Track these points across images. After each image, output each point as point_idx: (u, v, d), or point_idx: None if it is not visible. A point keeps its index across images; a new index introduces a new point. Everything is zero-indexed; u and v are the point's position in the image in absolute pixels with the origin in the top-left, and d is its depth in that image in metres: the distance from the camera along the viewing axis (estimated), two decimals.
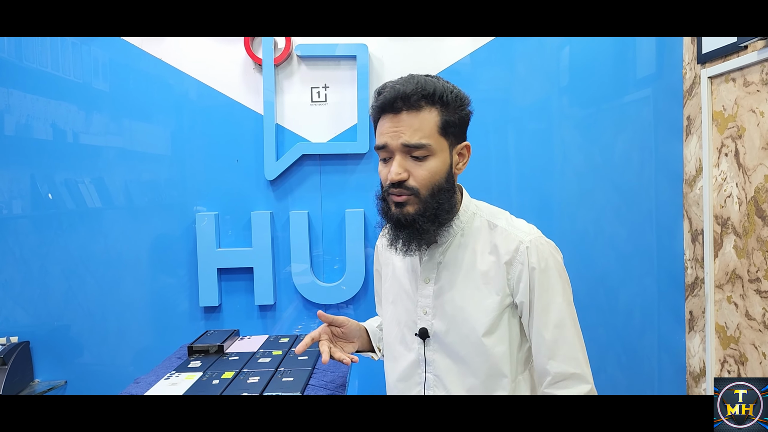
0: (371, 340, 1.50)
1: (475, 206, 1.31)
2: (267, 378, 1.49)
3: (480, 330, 1.23)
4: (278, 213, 2.33)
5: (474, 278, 1.25)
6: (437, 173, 1.20)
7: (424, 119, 1.19)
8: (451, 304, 1.26)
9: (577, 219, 2.36)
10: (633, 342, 2.37)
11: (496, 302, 1.23)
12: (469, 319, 1.24)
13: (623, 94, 2.33)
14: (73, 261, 2.32)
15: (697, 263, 2.25)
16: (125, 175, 2.32)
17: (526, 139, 2.35)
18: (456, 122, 1.22)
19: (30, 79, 2.29)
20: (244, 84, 2.30)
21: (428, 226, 1.21)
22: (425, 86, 1.19)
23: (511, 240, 1.24)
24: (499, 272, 1.24)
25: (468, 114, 1.25)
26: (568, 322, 1.23)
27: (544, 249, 1.23)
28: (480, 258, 1.26)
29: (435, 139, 1.19)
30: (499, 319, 1.24)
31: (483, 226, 1.28)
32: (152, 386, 1.47)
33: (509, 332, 1.26)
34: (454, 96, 1.22)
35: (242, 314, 2.34)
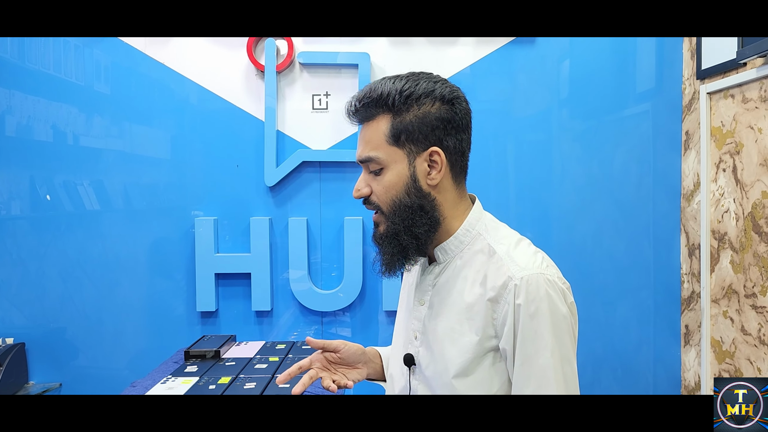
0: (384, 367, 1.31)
1: (483, 226, 1.13)
2: (263, 384, 1.49)
3: (451, 370, 1.06)
4: (277, 219, 2.33)
5: (458, 310, 1.08)
6: (392, 188, 1.07)
7: (374, 130, 1.08)
8: (434, 334, 1.11)
9: (575, 231, 2.37)
10: (629, 355, 2.38)
11: (473, 343, 1.05)
12: (445, 355, 1.08)
13: (623, 108, 2.35)
14: (71, 263, 2.32)
15: (693, 277, 2.25)
16: (125, 178, 2.32)
17: (526, 151, 2.36)
18: (411, 127, 1.06)
19: (31, 81, 2.29)
20: (246, 90, 2.31)
21: (389, 248, 1.09)
22: (373, 91, 1.07)
23: (501, 273, 1.04)
24: (484, 309, 1.05)
25: (436, 114, 1.07)
26: (553, 380, 1.00)
27: (539, 289, 1.01)
28: (469, 288, 1.08)
29: (384, 150, 1.07)
30: (477, 362, 1.06)
31: (483, 250, 1.09)
32: (149, 390, 1.47)
33: (490, 379, 1.06)
34: (403, 97, 1.06)
35: (239, 320, 2.34)
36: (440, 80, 1.10)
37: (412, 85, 1.06)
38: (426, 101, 1.06)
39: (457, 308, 1.08)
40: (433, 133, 1.06)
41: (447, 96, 1.08)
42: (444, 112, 1.07)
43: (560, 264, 2.16)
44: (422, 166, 1.07)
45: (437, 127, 1.06)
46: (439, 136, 1.07)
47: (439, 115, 1.06)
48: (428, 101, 1.06)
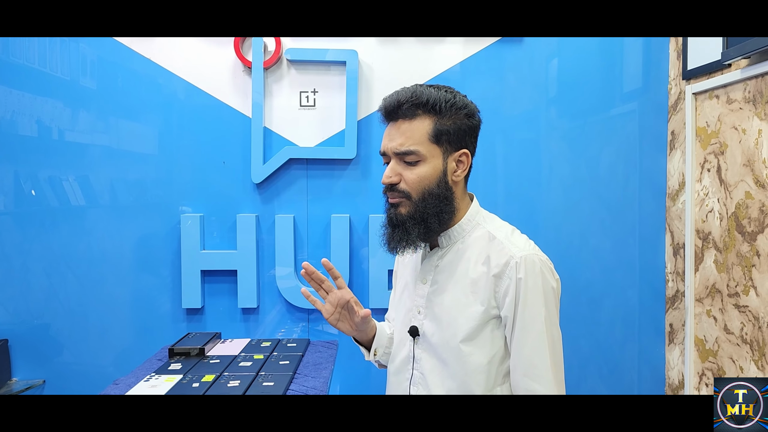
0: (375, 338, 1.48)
1: (482, 217, 1.35)
2: (248, 382, 1.48)
3: (459, 335, 1.27)
4: (264, 216, 2.32)
5: (463, 285, 1.29)
6: (427, 178, 1.27)
7: (416, 128, 1.26)
8: (440, 306, 1.31)
9: (562, 230, 2.37)
10: (614, 353, 2.39)
11: (480, 312, 1.26)
12: (452, 323, 1.28)
13: (610, 108, 2.36)
14: (56, 259, 2.30)
15: (678, 276, 2.27)
16: (110, 174, 2.30)
17: (514, 149, 2.36)
18: (451, 130, 1.27)
19: (16, 75, 2.27)
20: (233, 86, 2.30)
21: (415, 227, 1.27)
22: (419, 95, 1.26)
23: (504, 254, 1.25)
24: (488, 284, 1.26)
25: (467, 123, 1.30)
26: (547, 342, 1.23)
27: (535, 267, 1.24)
28: (473, 267, 1.29)
29: (425, 146, 1.26)
30: (480, 329, 1.27)
31: (483, 236, 1.31)
32: (131, 388, 1.46)
33: (491, 344, 1.27)
34: (448, 105, 1.27)
35: (225, 317, 2.33)
36: (465, 96, 1.34)
37: (452, 97, 1.29)
38: (462, 112, 1.29)
39: (462, 283, 1.29)
40: (463, 138, 1.30)
41: (473, 111, 1.32)
42: (473, 123, 1.32)
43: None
44: (451, 164, 1.30)
45: (467, 134, 1.31)
46: (467, 141, 1.31)
47: (469, 125, 1.31)
48: (463, 112, 1.29)
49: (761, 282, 1.78)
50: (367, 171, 2.33)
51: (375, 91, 2.32)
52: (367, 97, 2.31)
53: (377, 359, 1.50)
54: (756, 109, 1.80)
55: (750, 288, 1.83)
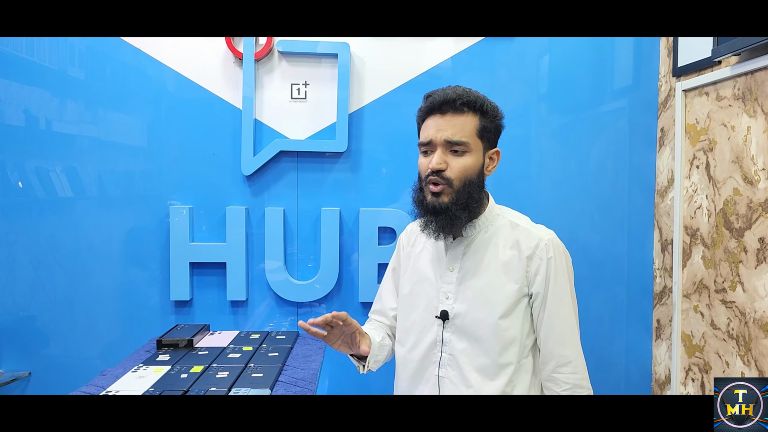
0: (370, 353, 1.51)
1: (499, 209, 1.51)
2: (236, 373, 1.48)
3: (498, 312, 1.40)
4: (253, 209, 2.31)
5: (495, 267, 1.43)
6: (470, 168, 1.41)
7: (466, 122, 1.41)
8: (473, 289, 1.44)
9: (551, 225, 2.30)
10: (601, 348, 2.41)
11: (515, 290, 1.41)
12: (489, 302, 1.42)
13: (600, 104, 2.36)
14: (42, 251, 2.27)
15: (665, 272, 2.29)
16: (98, 165, 2.28)
17: (504, 145, 2.33)
18: (491, 129, 1.44)
19: (3, 63, 2.24)
20: (224, 78, 2.29)
21: (460, 213, 1.40)
22: (469, 95, 1.42)
23: (533, 237, 1.43)
24: (520, 264, 1.42)
25: (501, 125, 1.47)
26: (573, 315, 1.45)
27: (560, 248, 1.44)
28: (502, 251, 1.44)
29: (473, 139, 1.41)
30: (515, 305, 1.42)
31: (505, 224, 1.47)
32: (119, 378, 1.45)
33: (522, 319, 1.43)
34: (492, 107, 1.44)
35: (213, 309, 2.32)
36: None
37: (490, 102, 1.45)
38: (498, 115, 1.46)
39: (494, 266, 1.43)
40: (495, 138, 1.48)
41: (502, 116, 1.49)
42: (501, 126, 1.49)
43: None
44: (486, 160, 1.45)
45: (498, 134, 1.48)
46: (497, 141, 1.49)
47: (500, 128, 1.48)
48: (498, 116, 1.47)
49: (748, 278, 1.79)
50: (357, 164, 2.32)
51: (366, 84, 2.31)
52: (358, 90, 2.31)
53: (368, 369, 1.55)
54: (745, 106, 1.81)
55: (737, 284, 1.85)
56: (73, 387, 1.51)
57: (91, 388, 1.42)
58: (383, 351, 1.58)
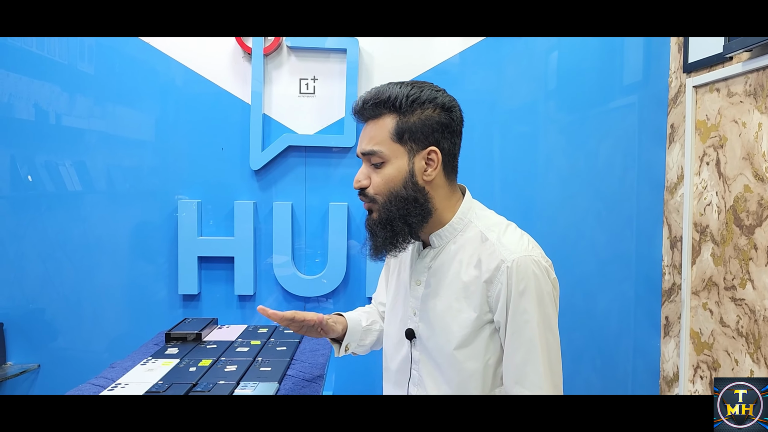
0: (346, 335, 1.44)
1: (474, 214, 1.27)
2: (245, 367, 1.48)
3: (453, 342, 1.22)
4: (261, 203, 2.32)
5: (455, 289, 1.23)
6: (391, 180, 1.21)
7: (381, 127, 1.21)
8: (434, 311, 1.26)
9: (558, 223, 2.37)
10: (609, 345, 2.40)
11: (472, 319, 1.20)
12: (446, 329, 1.23)
13: (609, 101, 2.35)
14: (51, 244, 2.28)
15: (674, 269, 2.28)
16: (107, 160, 2.29)
17: (512, 142, 2.36)
18: (415, 127, 1.20)
19: (14, 58, 2.25)
20: (233, 72, 2.29)
21: (381, 232, 1.22)
22: (381, 94, 1.21)
23: (494, 257, 1.18)
24: (479, 289, 1.20)
25: (436, 118, 1.21)
26: (540, 349, 1.16)
27: (527, 270, 1.16)
28: (465, 270, 1.22)
29: (388, 146, 1.20)
30: (474, 335, 1.21)
31: (475, 236, 1.23)
32: (128, 371, 1.46)
33: (485, 349, 1.22)
34: (410, 101, 1.20)
35: (221, 304, 2.32)
36: (441, 90, 1.26)
37: (417, 92, 1.21)
38: (429, 106, 1.21)
39: (454, 287, 1.23)
40: (432, 135, 1.22)
41: (447, 104, 1.23)
42: (443, 118, 1.22)
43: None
44: (420, 164, 1.22)
45: (436, 129, 1.22)
46: (437, 138, 1.22)
47: (439, 120, 1.22)
48: (431, 107, 1.21)
49: (758, 275, 1.78)
50: None
51: (375, 79, 2.31)
52: (367, 85, 2.30)
53: (351, 352, 1.48)
54: (757, 103, 1.80)
55: (747, 281, 1.84)
56: (81, 380, 1.51)
57: (100, 381, 1.43)
58: (369, 335, 1.48)
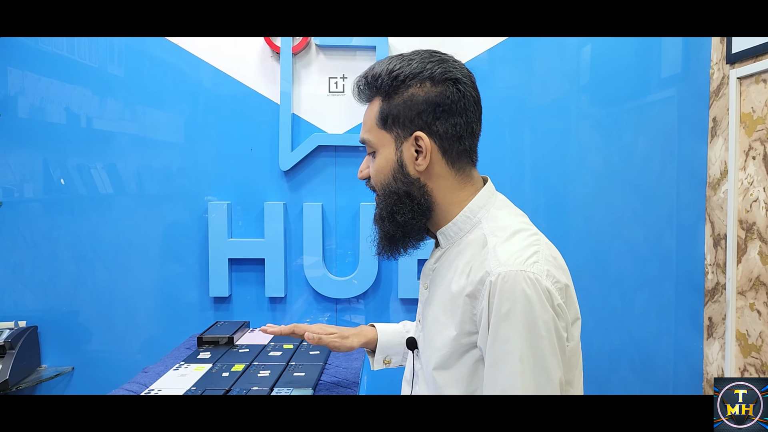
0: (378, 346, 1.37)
1: (486, 213, 1.07)
2: (278, 372, 1.46)
3: (432, 361, 1.03)
4: (291, 204, 2.29)
5: (445, 300, 1.05)
6: (381, 172, 1.07)
7: (370, 111, 1.08)
8: (427, 322, 1.09)
9: (592, 220, 2.31)
10: (648, 347, 2.33)
11: (450, 338, 1.01)
12: (430, 344, 1.06)
13: (646, 94, 2.28)
14: (83, 247, 2.29)
15: (718, 268, 2.20)
16: (138, 162, 2.28)
17: (543, 139, 2.30)
18: (397, 111, 1.03)
19: (45, 62, 2.26)
20: (261, 72, 2.27)
21: (379, 231, 1.10)
22: (368, 73, 1.06)
23: (482, 268, 0.97)
24: (464, 304, 0.99)
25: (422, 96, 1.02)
26: (520, 388, 0.92)
27: (515, 289, 0.92)
28: (457, 278, 1.03)
29: (374, 133, 1.07)
30: (456, 357, 1.01)
31: (478, 239, 1.03)
32: (161, 376, 1.44)
33: (469, 377, 1.00)
34: (391, 79, 1.02)
35: (252, 306, 2.31)
36: (436, 60, 1.04)
37: (401, 66, 1.03)
38: (413, 83, 1.02)
39: (444, 298, 1.04)
40: (419, 117, 1.02)
41: (437, 77, 1.02)
42: (433, 95, 1.02)
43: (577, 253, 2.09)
44: (409, 152, 1.04)
45: (424, 110, 1.02)
46: (426, 120, 1.02)
47: (426, 98, 1.02)
48: (415, 83, 1.02)
49: None
50: None
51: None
52: None
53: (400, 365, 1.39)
54: None
55: None
56: (114, 382, 1.51)
57: (133, 386, 1.42)
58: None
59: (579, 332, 1.04)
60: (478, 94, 1.08)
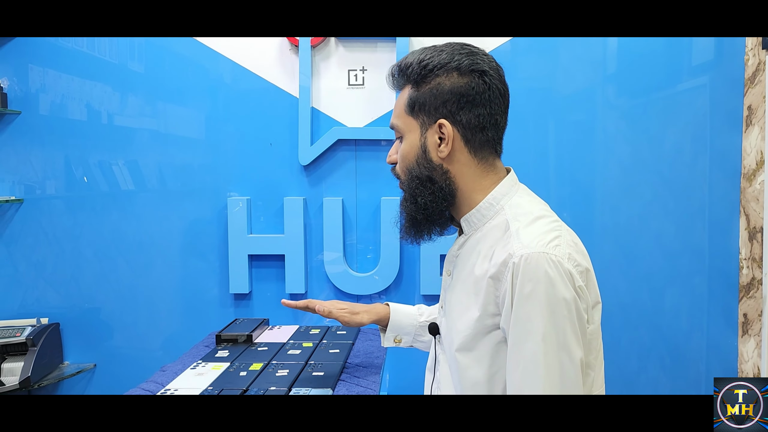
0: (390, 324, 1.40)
1: (508, 201, 1.10)
2: (296, 371, 1.42)
3: (455, 342, 1.07)
4: (311, 199, 2.26)
5: (468, 284, 1.08)
6: (406, 157, 1.11)
7: (400, 99, 1.13)
8: (449, 305, 1.14)
9: (620, 214, 2.24)
10: (679, 344, 2.25)
11: (474, 318, 1.04)
12: (453, 326, 1.10)
13: (676, 83, 2.20)
14: (106, 243, 2.29)
15: (754, 263, 2.11)
16: (159, 158, 2.27)
17: (568, 131, 2.24)
18: (423, 99, 1.07)
19: (65, 59, 2.26)
20: (280, 66, 2.23)
21: (403, 214, 1.14)
22: (401, 63, 1.12)
23: (505, 251, 1.00)
24: (487, 285, 1.02)
25: (449, 85, 1.06)
26: (543, 367, 0.94)
27: (537, 269, 0.95)
28: (480, 262, 1.06)
29: (403, 119, 1.11)
30: (477, 338, 1.04)
31: (500, 225, 1.06)
32: (178, 375, 1.42)
33: (491, 359, 1.03)
34: (420, 67, 1.07)
35: (273, 302, 2.28)
36: (465, 52, 1.09)
37: (432, 56, 1.08)
38: (440, 72, 1.07)
39: (468, 281, 1.08)
40: (444, 106, 1.07)
41: (464, 68, 1.07)
42: (458, 85, 1.06)
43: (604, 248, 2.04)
44: (433, 138, 1.08)
45: (448, 100, 1.06)
46: (451, 109, 1.07)
47: (452, 88, 1.06)
48: (442, 72, 1.07)
49: None
50: None
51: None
52: None
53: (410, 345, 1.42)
54: None
55: None
56: (136, 379, 1.49)
57: (150, 385, 1.39)
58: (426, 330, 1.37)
59: (599, 316, 1.06)
60: (505, 87, 1.11)
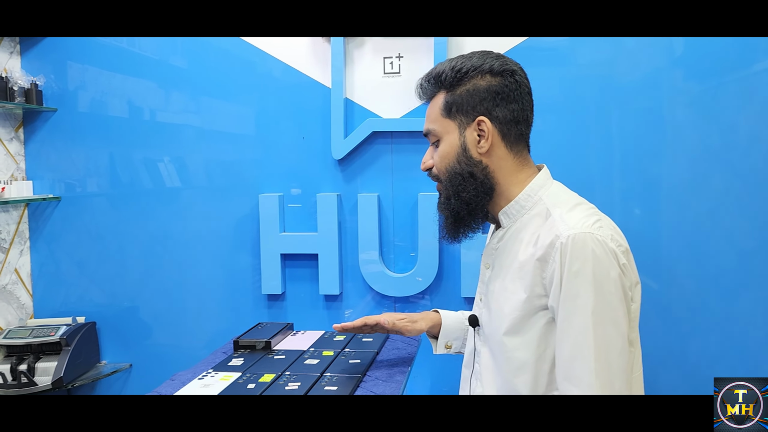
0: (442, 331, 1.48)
1: (546, 192, 1.19)
2: (308, 384, 1.32)
3: (502, 327, 1.16)
4: (346, 195, 2.17)
5: (513, 270, 1.17)
6: (446, 157, 1.21)
7: (434, 105, 1.23)
8: (494, 294, 1.22)
9: (689, 209, 2.03)
10: (753, 351, 2.03)
11: (522, 300, 1.13)
12: (498, 312, 1.19)
13: (751, 63, 1.97)
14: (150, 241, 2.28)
15: None
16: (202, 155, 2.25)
17: (632, 120, 2.05)
18: (461, 100, 1.19)
19: (106, 55, 2.26)
20: (312, 55, 2.14)
21: (446, 212, 1.22)
22: (430, 72, 1.23)
23: (551, 233, 1.09)
24: (533, 268, 1.11)
25: (483, 85, 1.18)
26: (593, 341, 1.03)
27: (585, 248, 1.04)
28: (524, 249, 1.15)
29: (440, 123, 1.21)
30: (525, 320, 1.13)
31: (540, 213, 1.17)
32: (184, 386, 1.35)
33: (539, 339, 1.12)
34: (454, 73, 1.19)
35: (306, 304, 2.20)
36: (493, 56, 1.20)
37: (463, 61, 1.19)
38: (475, 74, 1.18)
39: (512, 267, 1.17)
40: (481, 104, 1.18)
41: (496, 69, 1.18)
42: (493, 84, 1.18)
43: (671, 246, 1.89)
44: (472, 136, 1.19)
45: (485, 98, 1.17)
46: (487, 107, 1.18)
47: (487, 87, 1.18)
48: (477, 74, 1.18)
49: None
50: None
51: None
52: None
53: (458, 352, 1.48)
54: None
55: None
56: None
57: None
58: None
59: (639, 296, 1.14)
60: (530, 86, 1.23)
